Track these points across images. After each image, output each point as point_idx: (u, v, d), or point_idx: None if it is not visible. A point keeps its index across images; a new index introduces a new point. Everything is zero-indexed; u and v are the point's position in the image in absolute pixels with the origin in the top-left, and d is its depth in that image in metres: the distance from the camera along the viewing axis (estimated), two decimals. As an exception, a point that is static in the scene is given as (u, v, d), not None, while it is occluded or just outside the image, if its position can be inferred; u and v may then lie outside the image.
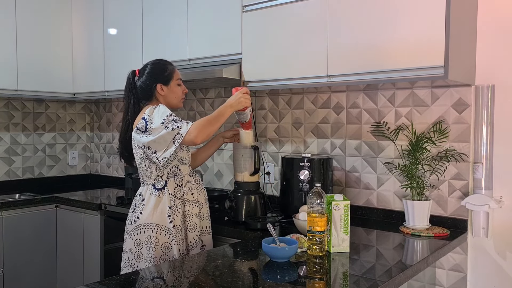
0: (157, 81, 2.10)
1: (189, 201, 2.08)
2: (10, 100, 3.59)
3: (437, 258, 1.92)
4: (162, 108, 1.98)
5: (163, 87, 2.10)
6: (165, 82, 2.11)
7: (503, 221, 2.12)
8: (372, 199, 2.47)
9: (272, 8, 2.37)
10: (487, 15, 2.14)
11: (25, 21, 3.29)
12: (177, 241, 2.00)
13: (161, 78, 2.10)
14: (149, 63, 2.15)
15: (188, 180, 2.11)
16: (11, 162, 3.60)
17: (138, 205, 2.06)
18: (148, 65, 2.14)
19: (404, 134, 2.32)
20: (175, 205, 2.03)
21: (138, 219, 2.02)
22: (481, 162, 2.13)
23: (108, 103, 3.96)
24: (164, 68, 2.13)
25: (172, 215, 2.01)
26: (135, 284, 1.45)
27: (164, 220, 2.00)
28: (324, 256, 1.71)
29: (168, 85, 2.11)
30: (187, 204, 2.08)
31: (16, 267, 3.07)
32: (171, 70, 2.13)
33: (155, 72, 2.11)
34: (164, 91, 2.11)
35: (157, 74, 2.11)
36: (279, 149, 2.84)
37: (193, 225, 2.08)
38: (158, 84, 2.09)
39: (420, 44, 1.91)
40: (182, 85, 2.18)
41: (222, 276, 1.53)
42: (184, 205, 2.07)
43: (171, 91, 2.12)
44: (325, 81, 2.21)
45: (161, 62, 2.16)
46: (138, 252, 1.99)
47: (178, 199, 2.05)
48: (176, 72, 2.16)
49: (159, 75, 2.11)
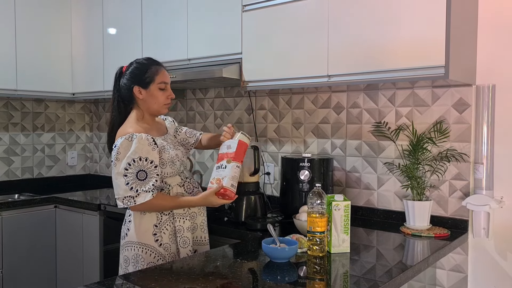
0: (135, 83, 1.90)
1: (179, 215, 1.92)
2: (9, 100, 3.58)
3: (438, 258, 1.92)
4: (135, 144, 1.78)
5: (142, 90, 1.90)
6: (144, 85, 1.90)
7: (504, 221, 2.11)
8: (372, 200, 2.46)
9: (272, 7, 2.36)
10: (487, 15, 2.13)
11: (24, 20, 3.28)
12: (166, 260, 1.86)
13: (140, 80, 1.90)
14: (134, 62, 1.97)
15: (177, 192, 1.93)
16: (10, 162, 3.59)
17: (126, 220, 1.94)
18: (132, 64, 1.96)
19: (404, 134, 2.31)
20: (162, 222, 1.88)
21: (126, 236, 1.91)
22: (481, 162, 2.12)
23: (107, 103, 3.96)
24: (144, 69, 1.92)
25: (159, 233, 1.86)
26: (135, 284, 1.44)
27: (149, 239, 1.85)
28: (324, 257, 1.70)
29: (147, 88, 1.90)
30: (177, 219, 1.91)
31: (16, 267, 3.06)
32: (153, 72, 1.91)
33: (135, 73, 1.92)
34: (142, 94, 1.90)
35: (137, 75, 1.91)
36: (279, 149, 2.84)
37: (185, 240, 1.92)
38: (136, 86, 1.90)
39: (421, 44, 1.90)
40: (168, 89, 1.95)
41: (222, 276, 1.52)
42: (174, 220, 1.90)
43: (150, 95, 1.91)
44: (325, 81, 2.20)
45: (144, 62, 1.94)
46: (125, 269, 1.89)
47: (165, 215, 1.89)
48: (161, 74, 1.93)
49: (138, 77, 1.91)
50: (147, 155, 1.80)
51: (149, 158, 1.80)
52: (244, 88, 2.51)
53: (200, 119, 3.23)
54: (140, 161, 1.78)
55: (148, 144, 1.81)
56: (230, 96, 3.08)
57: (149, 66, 1.93)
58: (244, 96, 2.99)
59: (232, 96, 3.06)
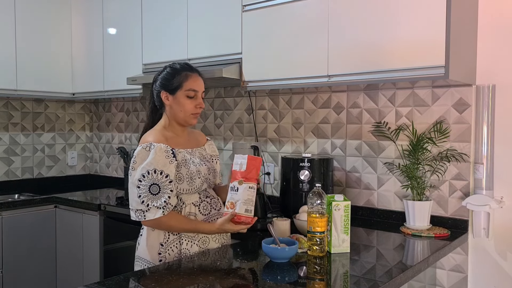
0: (164, 88, 1.81)
1: (188, 237, 1.77)
2: (9, 100, 3.58)
3: (438, 258, 1.92)
4: (152, 155, 1.69)
5: (169, 96, 1.80)
6: (170, 90, 1.80)
7: (504, 221, 2.11)
8: (372, 200, 2.46)
9: (272, 7, 2.36)
10: (487, 15, 2.13)
11: (24, 20, 3.28)
12: None
13: (168, 85, 1.80)
14: (168, 65, 1.87)
15: (189, 212, 1.79)
16: (10, 162, 3.59)
17: (140, 233, 1.86)
18: (166, 67, 1.86)
19: (404, 134, 2.31)
20: (168, 242, 1.75)
21: (137, 249, 1.84)
22: (481, 162, 2.12)
23: (107, 103, 3.96)
24: (174, 74, 1.81)
25: (163, 253, 1.75)
26: (135, 284, 1.44)
27: (154, 257, 1.75)
28: (324, 257, 1.70)
29: (174, 94, 1.80)
30: (185, 241, 1.76)
31: (16, 267, 3.06)
32: (181, 78, 1.80)
33: (165, 77, 1.82)
34: (169, 100, 1.81)
35: (166, 79, 1.82)
36: (279, 149, 2.84)
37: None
38: (163, 91, 1.81)
39: (421, 44, 1.90)
40: (198, 98, 1.82)
41: (222, 276, 1.52)
42: (181, 242, 1.76)
43: (176, 102, 1.80)
44: (325, 81, 2.20)
45: (175, 67, 1.84)
46: None
47: (173, 235, 1.76)
48: (190, 81, 1.81)
49: (167, 81, 1.81)
50: (163, 168, 1.69)
51: (164, 172, 1.69)
52: (244, 88, 2.51)
53: (200, 119, 3.23)
54: (155, 174, 1.67)
55: (166, 156, 1.71)
56: (230, 96, 3.08)
57: (180, 71, 1.82)
58: (244, 96, 2.99)
59: (232, 96, 3.06)
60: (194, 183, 1.78)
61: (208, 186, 1.88)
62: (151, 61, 3.01)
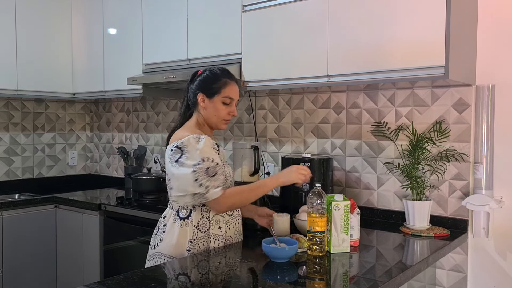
0: (201, 90, 1.88)
1: (215, 235, 1.84)
2: (10, 100, 3.58)
3: (438, 258, 1.92)
4: (203, 143, 1.77)
5: (205, 98, 1.87)
6: (208, 94, 1.87)
7: (504, 221, 2.11)
8: (372, 199, 2.46)
9: (272, 8, 2.37)
10: (487, 15, 2.13)
11: (24, 20, 3.29)
12: None
13: (206, 88, 1.87)
14: (208, 68, 1.94)
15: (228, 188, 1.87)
16: (11, 162, 3.59)
17: (160, 230, 1.88)
18: (206, 70, 1.93)
19: (404, 134, 2.31)
20: (197, 239, 1.81)
21: (157, 246, 1.85)
22: (481, 162, 2.12)
23: (107, 103, 3.96)
24: (214, 79, 1.88)
25: (192, 249, 1.80)
26: (135, 284, 1.45)
27: (183, 254, 1.79)
28: (324, 257, 1.71)
29: (211, 98, 1.87)
30: (212, 240, 1.84)
31: (16, 267, 3.06)
32: (221, 84, 1.87)
33: (204, 80, 1.89)
34: (205, 103, 1.87)
35: (205, 82, 1.89)
36: (279, 149, 2.84)
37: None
38: (201, 93, 1.87)
39: (421, 44, 1.90)
40: (232, 105, 1.90)
41: (222, 276, 1.53)
42: (208, 241, 1.83)
43: (212, 106, 1.87)
44: (325, 81, 2.20)
45: (216, 72, 1.91)
46: None
47: (201, 233, 1.82)
48: (229, 88, 1.88)
49: (206, 84, 1.88)
50: (213, 157, 1.78)
51: (215, 160, 1.77)
52: (244, 88, 2.52)
53: (200, 119, 3.23)
54: (208, 161, 1.75)
55: (213, 147, 1.80)
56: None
57: (220, 77, 1.89)
58: (244, 96, 2.99)
59: (232, 96, 3.06)
60: (226, 183, 1.85)
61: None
62: (151, 61, 3.01)
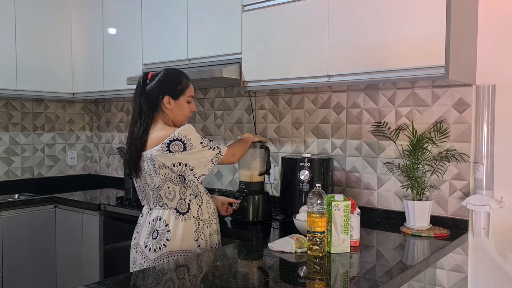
0: (166, 92, 1.94)
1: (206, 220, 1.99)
2: (9, 100, 3.58)
3: (438, 258, 1.92)
4: (193, 130, 1.89)
5: (171, 100, 1.95)
6: (174, 95, 1.95)
7: (504, 221, 2.11)
8: (372, 200, 2.46)
9: (272, 7, 2.36)
10: (487, 15, 2.13)
11: (24, 20, 3.28)
12: None
13: (171, 90, 1.95)
14: (163, 70, 2.01)
15: (205, 199, 2.01)
16: (10, 162, 3.59)
17: (163, 232, 1.90)
18: (162, 72, 1.99)
19: (404, 134, 2.31)
20: (199, 228, 1.94)
21: (165, 246, 1.88)
22: (481, 162, 2.12)
23: (107, 103, 3.96)
24: (178, 80, 1.98)
25: (198, 238, 1.93)
26: (135, 284, 1.44)
27: (192, 245, 1.91)
28: (324, 257, 1.70)
29: (177, 99, 1.96)
30: (208, 225, 1.99)
31: (16, 267, 3.06)
32: (184, 85, 1.99)
33: (167, 82, 1.96)
34: (171, 105, 1.95)
35: (169, 84, 1.96)
36: (279, 149, 2.84)
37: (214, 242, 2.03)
38: (166, 96, 1.94)
39: (421, 44, 1.90)
40: (192, 103, 2.02)
41: (222, 276, 1.52)
42: (206, 226, 1.98)
43: (179, 106, 1.97)
44: (325, 81, 2.20)
45: (176, 73, 2.02)
46: None
47: (201, 221, 1.96)
48: (191, 88, 2.01)
49: (170, 86, 1.96)
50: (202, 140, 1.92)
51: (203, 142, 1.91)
52: (244, 88, 2.51)
53: (200, 119, 3.23)
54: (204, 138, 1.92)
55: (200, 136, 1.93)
56: (230, 96, 3.08)
57: (182, 78, 2.00)
58: (244, 96, 2.99)
59: (232, 96, 3.06)
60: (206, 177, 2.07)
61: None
62: (151, 61, 3.01)
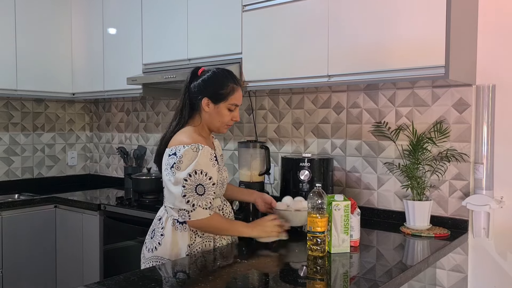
0: (206, 94, 1.79)
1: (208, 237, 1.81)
2: (9, 100, 3.58)
3: (438, 258, 1.92)
4: (200, 156, 1.70)
5: (210, 103, 1.79)
6: (214, 100, 1.79)
7: (504, 221, 2.11)
8: (372, 200, 2.46)
9: (272, 7, 2.36)
10: (487, 15, 2.13)
11: (24, 20, 3.28)
12: None
13: (212, 93, 1.79)
14: (212, 69, 1.84)
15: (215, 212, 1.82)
16: (10, 162, 3.59)
17: (157, 234, 1.82)
18: (209, 71, 1.83)
19: (404, 134, 2.31)
20: (195, 244, 1.78)
21: (156, 250, 1.80)
22: (481, 162, 2.12)
23: (107, 103, 3.96)
24: (222, 85, 1.80)
25: (190, 254, 1.77)
26: (135, 284, 1.44)
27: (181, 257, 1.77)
28: (324, 257, 1.70)
29: (217, 104, 1.79)
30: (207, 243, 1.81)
31: (15, 267, 3.06)
32: (229, 91, 1.79)
33: (210, 83, 1.80)
34: (209, 108, 1.79)
35: (211, 86, 1.80)
36: (279, 149, 2.84)
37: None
38: (206, 97, 1.79)
39: (421, 44, 1.90)
40: (236, 111, 1.83)
41: (222, 277, 1.52)
42: (203, 245, 1.80)
43: (217, 112, 1.80)
44: (325, 81, 2.20)
45: (224, 75, 1.83)
46: None
47: (199, 237, 1.78)
48: (235, 95, 1.81)
49: (213, 90, 1.79)
50: (208, 170, 1.71)
51: (208, 174, 1.71)
52: (244, 88, 2.51)
53: (200, 119, 3.23)
54: (201, 175, 1.69)
55: (210, 159, 1.74)
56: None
57: (228, 83, 1.81)
58: (244, 96, 2.99)
59: (232, 96, 3.06)
60: (223, 188, 1.87)
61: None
62: (151, 61, 3.01)
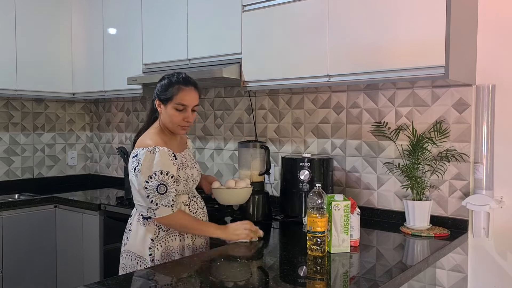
0: (157, 96, 1.90)
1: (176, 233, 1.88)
2: (10, 100, 3.58)
3: (438, 258, 1.92)
4: (158, 157, 1.78)
5: (161, 105, 1.89)
6: (163, 100, 1.88)
7: (504, 221, 2.11)
8: (372, 200, 2.46)
9: (272, 7, 2.36)
10: (487, 15, 2.13)
11: (24, 20, 3.28)
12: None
13: (161, 95, 1.89)
14: (166, 75, 1.95)
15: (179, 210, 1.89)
16: (10, 162, 3.59)
17: (127, 229, 1.95)
18: (164, 76, 1.95)
19: (404, 134, 2.31)
20: (158, 238, 1.84)
21: (126, 244, 1.92)
22: (481, 162, 2.12)
23: (107, 103, 3.96)
24: (168, 85, 1.88)
25: (153, 247, 1.83)
26: (134, 284, 1.44)
27: (144, 252, 1.84)
28: (324, 257, 1.70)
29: (165, 105, 1.88)
30: (172, 238, 1.87)
31: (16, 267, 3.06)
32: (174, 91, 1.86)
33: (160, 85, 1.91)
34: (161, 109, 1.90)
35: (160, 87, 1.91)
36: (279, 149, 2.84)
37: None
38: (157, 99, 1.90)
39: (421, 44, 1.90)
40: (187, 112, 1.88)
41: (222, 276, 1.52)
42: (167, 239, 1.86)
43: (167, 112, 1.88)
44: (325, 81, 2.20)
45: (169, 79, 1.91)
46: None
47: (163, 231, 1.86)
48: (181, 95, 1.86)
49: (161, 91, 1.89)
50: (168, 169, 1.80)
51: (170, 172, 1.80)
52: (244, 88, 2.52)
53: (200, 119, 3.23)
54: (161, 175, 1.78)
55: (170, 158, 1.81)
56: (230, 96, 3.08)
57: (174, 83, 1.88)
58: (244, 96, 2.99)
59: (232, 96, 3.06)
60: (189, 185, 1.92)
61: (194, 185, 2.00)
62: (151, 61, 3.01)
